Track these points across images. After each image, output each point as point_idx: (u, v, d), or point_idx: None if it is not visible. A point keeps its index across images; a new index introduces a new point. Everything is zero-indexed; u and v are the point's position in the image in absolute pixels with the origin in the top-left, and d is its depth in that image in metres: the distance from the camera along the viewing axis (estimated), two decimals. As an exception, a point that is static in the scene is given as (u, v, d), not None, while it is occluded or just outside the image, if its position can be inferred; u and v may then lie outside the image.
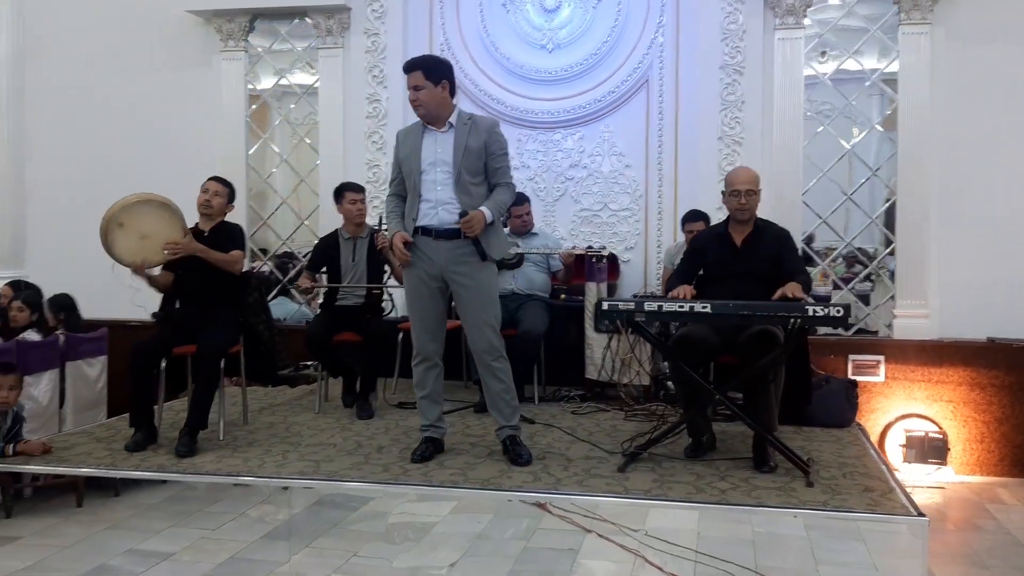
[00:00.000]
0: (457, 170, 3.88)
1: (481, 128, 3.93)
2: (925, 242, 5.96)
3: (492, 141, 3.93)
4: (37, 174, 7.40)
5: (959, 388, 5.88)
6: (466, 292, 3.92)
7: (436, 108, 3.91)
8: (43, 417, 5.37)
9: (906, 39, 5.96)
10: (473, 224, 3.84)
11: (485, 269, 3.95)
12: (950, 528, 5.15)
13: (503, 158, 3.98)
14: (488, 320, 3.93)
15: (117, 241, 4.18)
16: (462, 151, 3.88)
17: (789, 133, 6.09)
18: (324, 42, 6.78)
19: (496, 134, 3.97)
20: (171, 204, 4.26)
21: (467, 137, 3.89)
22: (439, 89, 3.89)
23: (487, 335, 3.93)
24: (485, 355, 3.96)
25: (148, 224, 4.20)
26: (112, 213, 4.15)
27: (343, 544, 4.75)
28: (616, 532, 4.79)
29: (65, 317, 5.95)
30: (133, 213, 4.18)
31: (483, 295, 3.94)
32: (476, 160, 3.90)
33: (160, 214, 4.23)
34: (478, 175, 3.93)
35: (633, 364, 5.35)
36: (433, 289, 3.98)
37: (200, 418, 4.21)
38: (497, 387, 3.99)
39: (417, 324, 4.02)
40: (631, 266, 6.45)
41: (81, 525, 5.04)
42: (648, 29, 6.38)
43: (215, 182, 4.54)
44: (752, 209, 4.20)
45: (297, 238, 7.12)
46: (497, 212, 3.93)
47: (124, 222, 4.16)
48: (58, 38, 7.30)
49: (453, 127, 3.92)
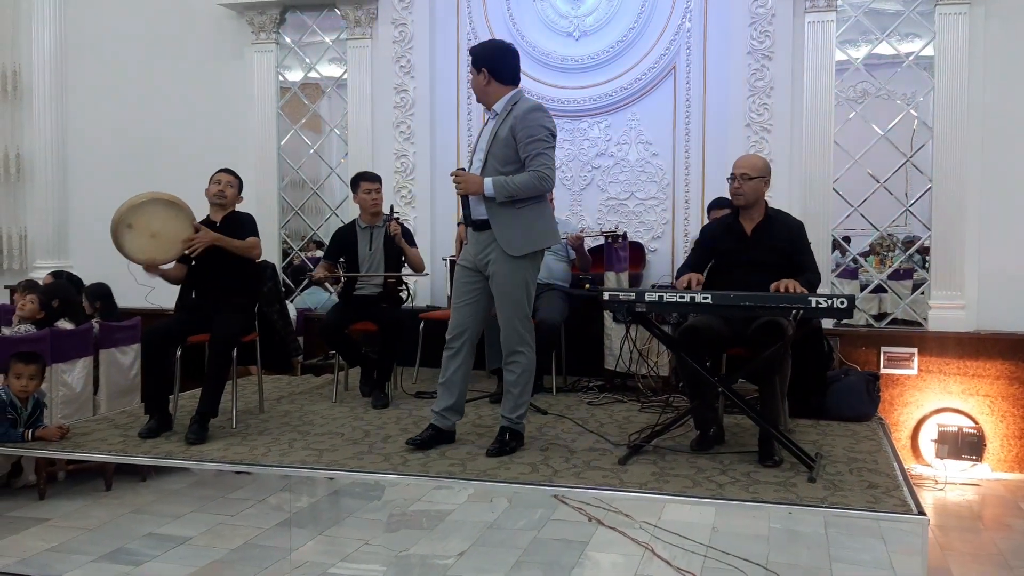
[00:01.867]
0: (485, 158, 3.87)
1: (515, 113, 3.84)
2: (962, 231, 5.76)
3: (520, 127, 3.80)
4: (79, 166, 7.61)
5: (996, 382, 5.67)
6: (492, 284, 3.93)
7: (481, 94, 3.95)
8: (77, 403, 5.51)
9: (943, 19, 5.74)
10: (461, 180, 3.82)
11: (511, 263, 3.86)
12: (979, 527, 4.98)
13: (534, 144, 3.79)
14: (507, 314, 3.91)
15: (128, 242, 4.27)
16: (492, 138, 3.86)
17: (820, 119, 5.92)
18: (352, 33, 6.83)
19: (526, 119, 3.81)
20: (177, 200, 4.34)
21: (500, 124, 3.86)
22: (480, 77, 3.91)
23: (506, 329, 3.94)
24: (504, 347, 3.97)
25: (157, 222, 4.29)
26: (120, 216, 4.24)
27: (356, 533, 4.78)
28: (630, 525, 4.73)
29: (101, 305, 6.11)
30: (141, 213, 4.27)
31: (504, 289, 3.89)
32: (504, 148, 3.83)
33: (167, 212, 4.31)
34: (509, 163, 3.84)
35: (651, 355, 5.29)
36: (470, 279, 3.99)
37: (211, 405, 4.29)
38: (508, 378, 4.01)
39: (452, 310, 4.07)
40: (658, 255, 6.36)
41: (107, 508, 5.16)
42: (675, 15, 6.27)
43: (226, 173, 4.62)
44: (746, 194, 4.11)
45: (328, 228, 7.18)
46: (500, 189, 3.78)
47: (133, 223, 4.25)
48: (97, 34, 7.50)
49: (497, 114, 3.90)
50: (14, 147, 7.69)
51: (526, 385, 4.01)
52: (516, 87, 3.95)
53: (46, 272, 6.92)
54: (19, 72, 7.67)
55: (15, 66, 7.67)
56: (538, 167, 3.80)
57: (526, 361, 3.96)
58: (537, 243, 3.93)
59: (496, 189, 3.79)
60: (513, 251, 3.84)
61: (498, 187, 3.78)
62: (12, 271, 7.66)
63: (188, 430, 4.21)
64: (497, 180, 3.79)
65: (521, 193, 3.82)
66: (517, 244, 3.84)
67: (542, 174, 3.81)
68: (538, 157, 3.79)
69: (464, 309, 4.01)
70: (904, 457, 5.55)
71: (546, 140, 3.82)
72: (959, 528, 4.94)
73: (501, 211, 3.85)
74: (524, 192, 3.83)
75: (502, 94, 3.90)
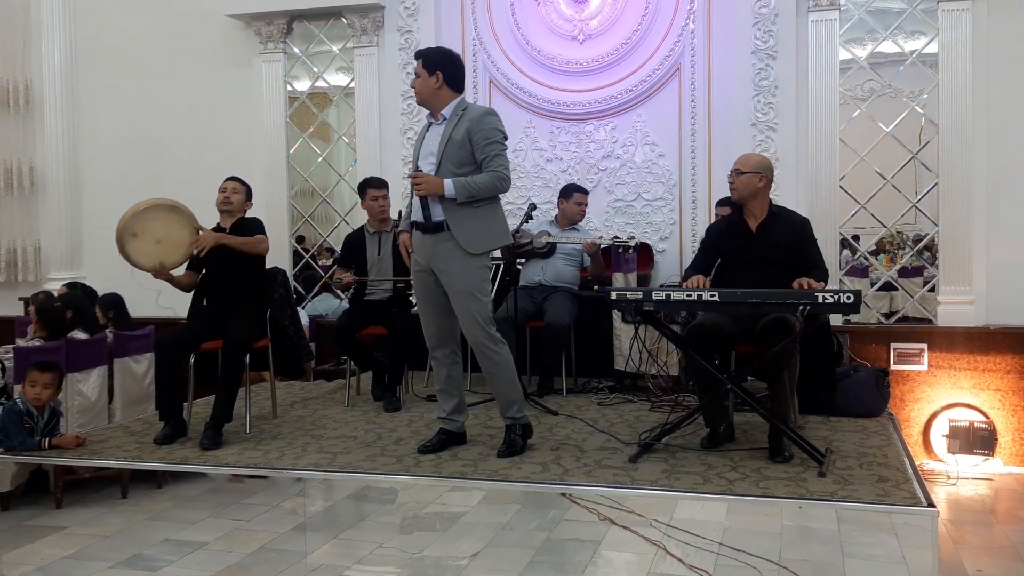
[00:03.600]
0: (439, 161, 3.90)
1: (468, 117, 3.90)
2: (969, 226, 5.76)
3: (476, 129, 3.86)
4: (91, 178, 7.68)
5: (1007, 376, 5.67)
6: (448, 286, 3.94)
7: (428, 97, 3.96)
8: (92, 412, 5.56)
9: (946, 16, 5.76)
10: (421, 181, 3.83)
11: (468, 262, 3.89)
12: (993, 520, 4.98)
13: (490, 146, 3.87)
14: (468, 313, 3.91)
15: (134, 250, 4.34)
16: (446, 142, 3.89)
17: (825, 117, 5.95)
18: (359, 41, 6.89)
19: (482, 122, 3.88)
20: (178, 205, 4.42)
21: (453, 127, 3.90)
22: (432, 79, 3.93)
23: (470, 330, 3.94)
24: (474, 348, 3.98)
25: (160, 228, 4.36)
26: (124, 224, 4.30)
27: (370, 536, 4.82)
28: (642, 524, 4.76)
29: (114, 315, 6.17)
30: (143, 220, 4.34)
31: (463, 288, 3.90)
32: (459, 150, 3.88)
33: (169, 216, 4.39)
34: (464, 166, 3.90)
35: (661, 355, 5.32)
36: (429, 284, 4.01)
37: (224, 411, 4.33)
38: (488, 379, 4.06)
39: (422, 320, 4.08)
40: (666, 256, 6.38)
41: (124, 515, 5.22)
42: (679, 16, 6.29)
43: (232, 181, 4.69)
44: (738, 189, 4.17)
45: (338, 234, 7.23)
46: (462, 190, 3.82)
47: (136, 231, 4.32)
48: (107, 47, 7.57)
49: (446, 119, 3.94)
50: (27, 160, 7.76)
51: (510, 381, 4.01)
52: (462, 94, 4.03)
53: (60, 283, 6.99)
54: (30, 85, 7.75)
55: (26, 80, 7.75)
56: (496, 168, 3.89)
57: (498, 356, 3.96)
58: (494, 241, 4.01)
59: (457, 189, 3.83)
60: (472, 248, 3.89)
61: (459, 187, 3.83)
62: (27, 283, 7.73)
63: (202, 436, 4.26)
64: (458, 180, 3.83)
65: (482, 193, 3.89)
66: (475, 242, 3.89)
67: (501, 175, 3.90)
68: (496, 159, 3.88)
69: (434, 317, 4.04)
70: (916, 453, 5.57)
71: (501, 143, 3.94)
72: (971, 522, 4.94)
73: (458, 210, 3.88)
74: (484, 192, 3.89)
75: (451, 99, 3.96)
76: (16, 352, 5.23)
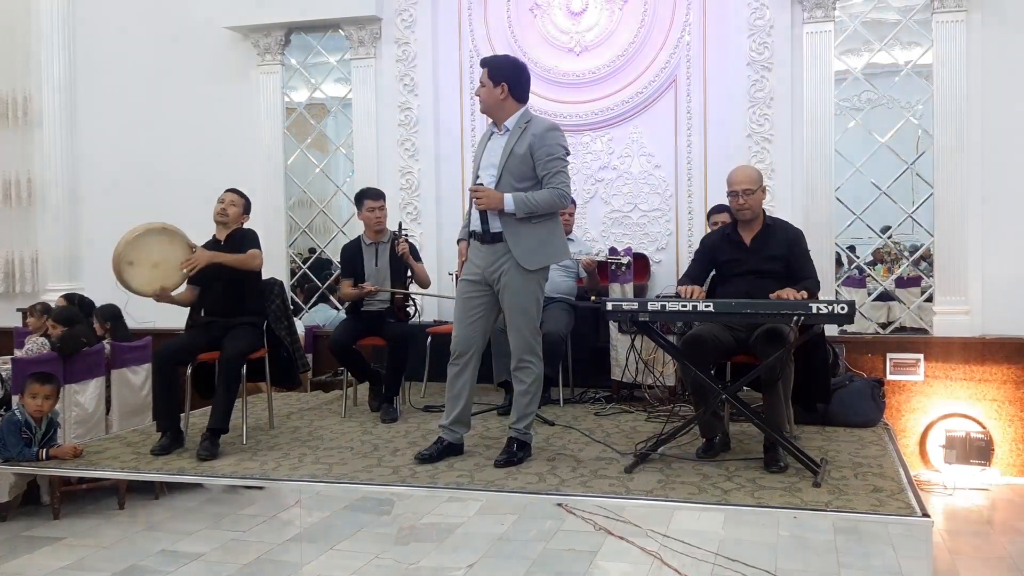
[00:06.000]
0: (500, 174, 3.92)
1: (531, 131, 3.91)
2: (964, 236, 5.78)
3: (538, 145, 3.88)
4: (89, 189, 7.70)
5: (1004, 386, 5.68)
6: (503, 296, 3.98)
7: (492, 107, 3.98)
8: (90, 423, 5.56)
9: (941, 28, 5.79)
10: (482, 195, 3.86)
11: (526, 277, 3.92)
12: (989, 531, 4.99)
13: (552, 163, 3.89)
14: (519, 327, 3.97)
15: (133, 279, 4.33)
16: (508, 154, 3.91)
17: (820, 128, 5.97)
18: (356, 53, 6.91)
19: (545, 137, 3.90)
20: (169, 226, 4.42)
21: (516, 141, 3.91)
22: (497, 90, 3.95)
23: (516, 341, 4.00)
24: (513, 357, 4.04)
25: (156, 252, 4.36)
26: (119, 254, 4.28)
27: (366, 547, 4.82)
28: (639, 534, 4.76)
29: (111, 326, 6.17)
30: (138, 247, 4.33)
31: (518, 303, 3.95)
32: (521, 164, 3.90)
33: (162, 239, 4.39)
34: (525, 180, 3.91)
35: (657, 365, 5.33)
36: (476, 294, 4.03)
37: (222, 422, 4.34)
38: (519, 388, 4.08)
39: (455, 324, 4.11)
40: (663, 266, 6.39)
41: (120, 526, 5.22)
42: (675, 28, 6.32)
43: (232, 193, 4.71)
44: (753, 208, 4.16)
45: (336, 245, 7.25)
46: (521, 206, 3.85)
47: (132, 259, 4.31)
48: (105, 59, 7.60)
49: (509, 131, 3.95)
50: (25, 171, 7.79)
51: (535, 395, 4.08)
52: (526, 105, 4.04)
53: (58, 295, 7.00)
54: (30, 98, 7.78)
55: (26, 92, 7.78)
56: (558, 184, 3.91)
57: (536, 371, 4.04)
58: (551, 257, 4.04)
59: (517, 205, 3.86)
60: (528, 264, 3.91)
61: (519, 203, 3.86)
62: (25, 294, 7.75)
63: (200, 447, 4.26)
64: (518, 196, 3.86)
65: (541, 209, 3.91)
66: (532, 258, 3.92)
67: (562, 192, 3.92)
68: (557, 175, 3.90)
69: (472, 325, 4.06)
70: (912, 463, 5.58)
71: (563, 159, 3.95)
72: (968, 533, 4.95)
73: (517, 225, 3.91)
74: (544, 208, 3.92)
75: (515, 111, 3.98)
76: (14, 363, 5.24)
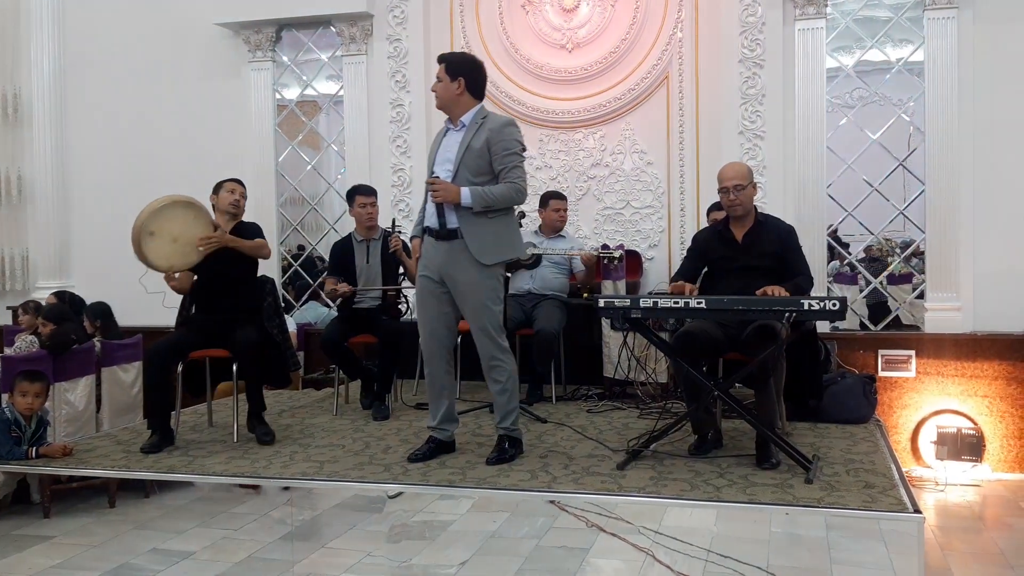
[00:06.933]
0: (456, 169, 3.89)
1: (488, 126, 3.90)
2: (956, 232, 5.79)
3: (495, 139, 3.87)
4: (80, 187, 7.67)
5: (995, 382, 5.69)
6: (459, 295, 3.94)
7: (448, 102, 3.96)
8: (80, 421, 5.55)
9: (932, 24, 5.80)
10: (439, 188, 3.83)
11: (481, 272, 3.89)
12: (981, 527, 4.99)
13: (509, 157, 3.88)
14: (481, 324, 3.92)
15: (152, 250, 4.26)
16: (464, 149, 3.89)
17: (812, 125, 5.98)
18: (348, 49, 6.89)
19: (502, 132, 3.89)
20: (195, 202, 4.38)
21: (472, 136, 3.90)
22: (454, 85, 3.93)
23: (481, 340, 3.95)
24: (482, 359, 3.99)
25: (177, 226, 4.30)
26: (141, 222, 4.23)
27: (358, 545, 4.81)
28: (631, 531, 4.76)
29: (102, 324, 6.15)
30: (161, 218, 4.27)
31: (475, 299, 3.90)
32: (477, 159, 3.87)
33: (187, 213, 4.33)
34: (481, 175, 3.89)
35: (650, 362, 5.32)
36: (435, 291, 3.99)
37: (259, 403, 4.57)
38: (494, 388, 4.04)
39: (420, 326, 4.07)
40: (655, 263, 6.39)
41: (111, 525, 5.19)
42: (667, 25, 6.32)
43: (239, 184, 4.69)
44: (744, 204, 4.15)
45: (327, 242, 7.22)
46: (478, 199, 3.82)
47: (154, 230, 4.25)
48: (95, 56, 7.56)
49: (465, 126, 3.94)
50: (15, 169, 7.75)
51: (513, 391, 4.02)
52: (482, 102, 4.04)
53: (48, 292, 6.97)
54: (19, 95, 7.74)
55: (16, 89, 7.74)
56: (515, 179, 3.89)
57: (508, 367, 3.98)
58: (507, 253, 4.00)
59: (474, 198, 3.82)
60: (485, 259, 3.88)
61: (476, 196, 3.83)
62: (15, 292, 7.72)
63: (257, 433, 4.47)
64: (475, 189, 3.83)
65: (498, 203, 3.88)
66: (488, 253, 3.89)
67: (519, 186, 3.90)
68: (514, 170, 3.88)
69: (433, 325, 4.02)
70: (904, 459, 5.59)
71: (520, 155, 3.94)
72: (960, 528, 4.95)
73: (473, 220, 3.88)
74: (501, 203, 3.89)
75: (471, 107, 3.97)
76: (3, 361, 5.21)
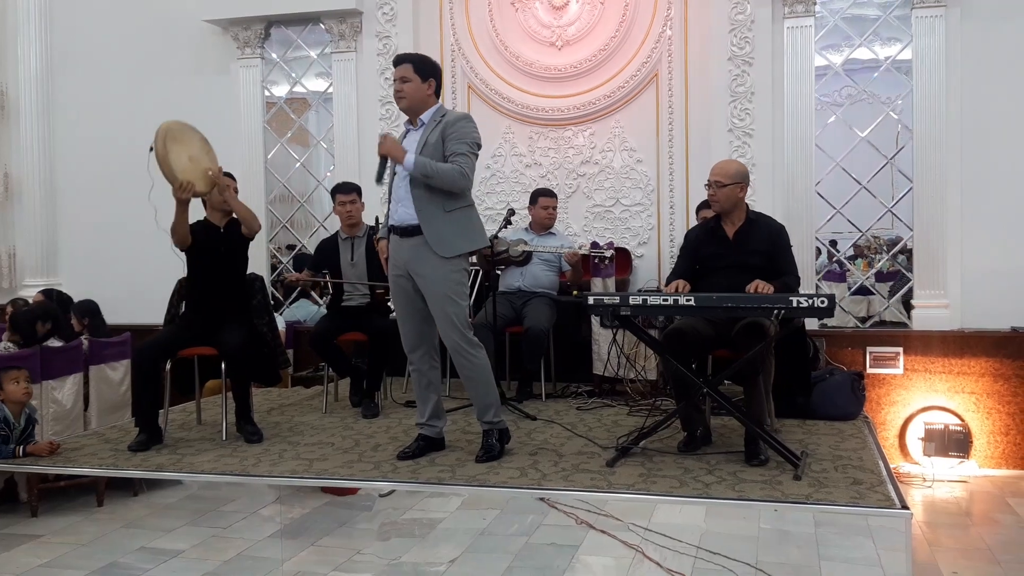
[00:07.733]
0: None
1: (446, 121, 3.92)
2: (943, 230, 5.82)
3: (450, 131, 3.88)
4: (67, 184, 7.64)
5: (982, 379, 5.73)
6: (424, 289, 3.94)
7: (418, 103, 3.96)
8: (68, 419, 5.51)
9: (920, 23, 5.83)
10: (387, 142, 3.88)
11: (443, 265, 3.89)
12: (968, 523, 5.02)
13: (459, 145, 3.86)
14: (447, 316, 3.90)
15: (175, 157, 4.23)
16: (423, 144, 3.90)
17: (801, 123, 6.00)
18: (337, 46, 6.88)
19: (456, 124, 3.90)
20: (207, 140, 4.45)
21: (431, 131, 3.91)
22: (425, 85, 3.95)
23: (447, 332, 3.94)
24: (450, 352, 3.99)
25: (195, 149, 4.34)
26: (167, 129, 4.22)
27: (347, 543, 4.80)
28: (620, 528, 4.76)
29: (89, 322, 6.13)
30: (184, 134, 4.31)
31: (437, 291, 3.90)
32: (434, 153, 3.87)
33: (203, 144, 4.41)
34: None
35: (639, 359, 5.33)
36: (407, 288, 4.00)
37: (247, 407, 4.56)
38: (466, 383, 4.04)
39: (400, 325, 4.07)
40: (645, 261, 6.40)
41: (99, 524, 5.17)
42: (656, 23, 6.32)
43: (231, 179, 4.69)
44: (721, 201, 4.17)
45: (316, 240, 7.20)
46: (420, 166, 3.79)
47: (179, 139, 4.25)
48: (83, 52, 7.53)
49: (424, 124, 3.96)
50: (2, 166, 7.71)
51: (487, 383, 4.00)
52: (440, 101, 4.08)
53: (36, 290, 6.94)
54: (6, 91, 7.70)
55: (2, 85, 7.70)
56: (461, 164, 3.86)
57: (476, 360, 3.95)
58: (467, 245, 3.99)
59: (417, 164, 3.81)
60: (445, 252, 3.88)
61: (419, 163, 3.81)
62: (2, 290, 7.68)
63: (245, 433, 4.47)
64: (420, 158, 3.82)
65: (438, 177, 3.83)
66: (447, 246, 3.88)
67: (463, 170, 3.86)
68: (461, 156, 3.87)
69: (412, 322, 4.03)
70: (892, 456, 5.62)
71: (471, 147, 3.92)
72: (947, 524, 4.98)
73: (432, 214, 3.87)
74: (441, 178, 3.83)
75: (432, 106, 4.00)
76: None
